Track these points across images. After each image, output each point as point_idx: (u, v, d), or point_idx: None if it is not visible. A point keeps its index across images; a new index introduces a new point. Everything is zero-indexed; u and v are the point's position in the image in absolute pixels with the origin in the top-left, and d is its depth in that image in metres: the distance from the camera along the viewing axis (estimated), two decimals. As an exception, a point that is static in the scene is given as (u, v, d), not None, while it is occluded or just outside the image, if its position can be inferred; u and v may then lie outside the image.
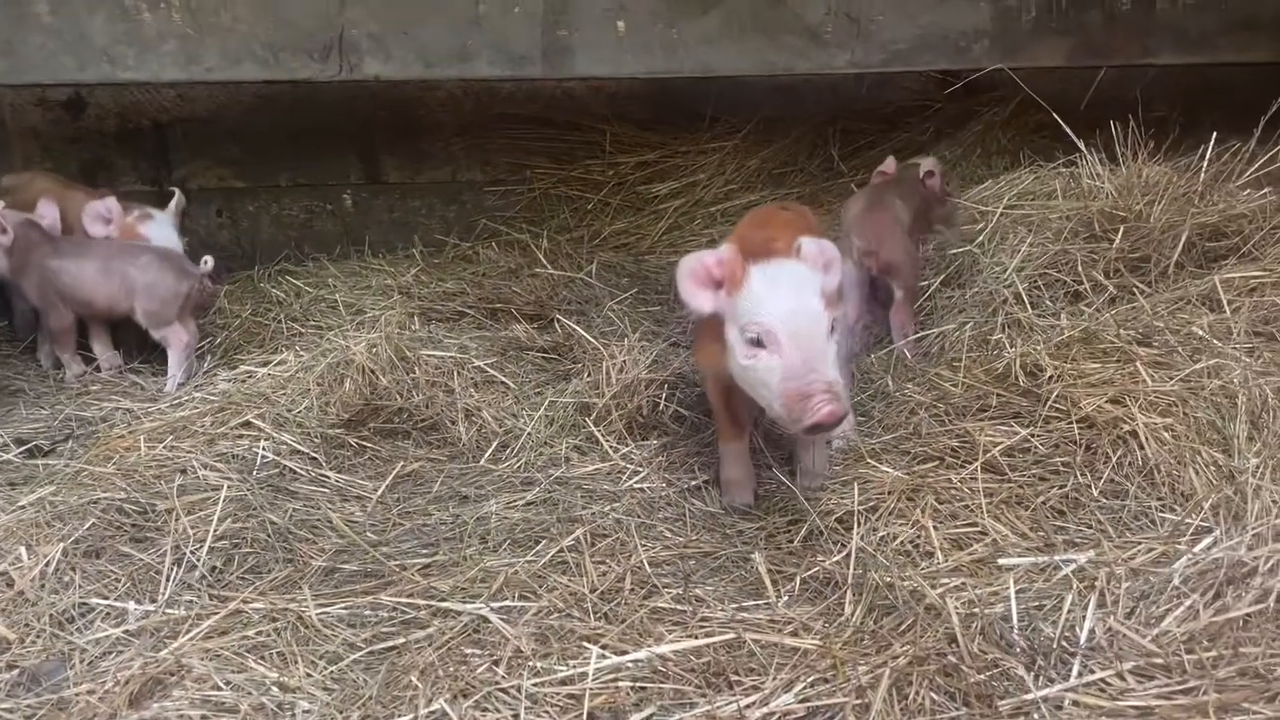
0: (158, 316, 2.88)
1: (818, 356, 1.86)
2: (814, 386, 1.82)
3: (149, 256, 2.92)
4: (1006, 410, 2.30)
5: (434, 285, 3.52)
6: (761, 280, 1.95)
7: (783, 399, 1.86)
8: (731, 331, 1.97)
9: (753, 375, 1.94)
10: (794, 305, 1.90)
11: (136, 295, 2.87)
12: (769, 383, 1.89)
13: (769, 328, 1.89)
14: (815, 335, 1.88)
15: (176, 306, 2.89)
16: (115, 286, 2.88)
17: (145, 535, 2.06)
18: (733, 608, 1.81)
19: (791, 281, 1.94)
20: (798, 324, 1.88)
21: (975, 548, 1.92)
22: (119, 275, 2.88)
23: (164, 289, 2.88)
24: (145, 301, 2.87)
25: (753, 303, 1.93)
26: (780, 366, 1.87)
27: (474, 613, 1.78)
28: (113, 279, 2.88)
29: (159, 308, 2.88)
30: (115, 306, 2.91)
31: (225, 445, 2.38)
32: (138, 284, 2.87)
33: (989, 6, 3.56)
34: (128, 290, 2.87)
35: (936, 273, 3.24)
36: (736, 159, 4.43)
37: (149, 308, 2.88)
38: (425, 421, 2.59)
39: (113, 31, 3.23)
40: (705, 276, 1.99)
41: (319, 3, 3.29)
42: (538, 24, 3.45)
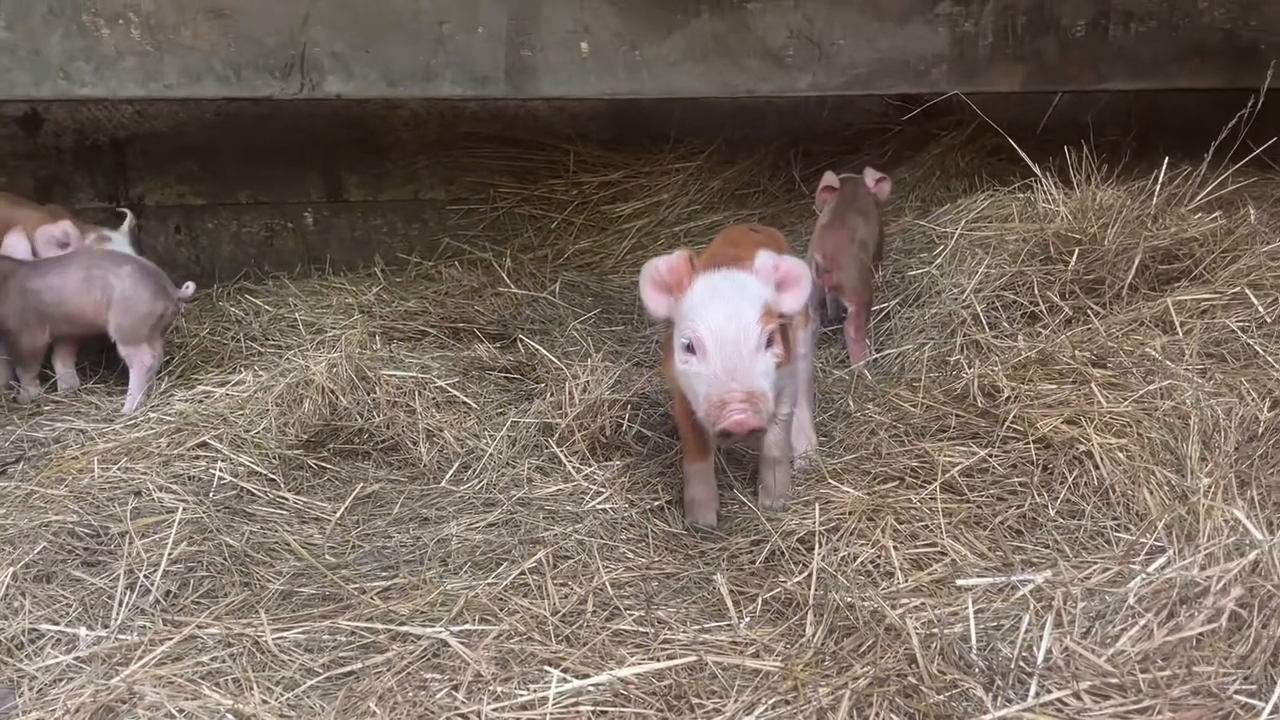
0: (130, 332, 2.82)
1: (742, 366, 1.88)
2: (731, 395, 1.84)
3: (131, 268, 2.86)
4: (965, 431, 2.33)
5: (396, 304, 3.50)
6: (703, 287, 1.98)
7: (704, 404, 1.89)
8: (674, 336, 1.99)
9: (685, 380, 1.97)
10: (725, 314, 1.92)
11: (112, 307, 2.81)
12: (696, 388, 1.92)
13: (699, 334, 1.91)
14: (742, 345, 1.90)
15: (149, 325, 2.84)
16: (98, 296, 2.81)
17: (98, 559, 2.02)
18: (695, 629, 1.81)
19: (731, 291, 1.97)
20: (725, 333, 1.90)
21: (935, 568, 1.93)
22: (101, 284, 2.81)
23: (141, 305, 2.82)
24: (120, 315, 2.81)
25: (690, 309, 1.96)
26: (706, 372, 1.89)
27: (434, 636, 1.76)
28: (95, 288, 2.82)
29: (133, 323, 2.82)
30: (96, 318, 2.83)
31: (181, 466, 2.35)
32: (116, 295, 2.81)
33: (947, 32, 3.62)
34: (107, 301, 2.81)
35: (896, 294, 3.28)
36: (699, 179, 4.46)
37: (122, 322, 2.81)
38: (386, 442, 2.57)
39: (70, 48, 3.20)
40: (661, 281, 2.02)
41: (281, 20, 3.28)
42: (501, 44, 3.46)
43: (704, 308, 1.94)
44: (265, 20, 3.27)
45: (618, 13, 3.52)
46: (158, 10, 3.22)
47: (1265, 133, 3.08)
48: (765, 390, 1.89)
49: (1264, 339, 2.38)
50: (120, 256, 2.96)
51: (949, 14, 3.61)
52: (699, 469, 2.22)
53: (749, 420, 1.84)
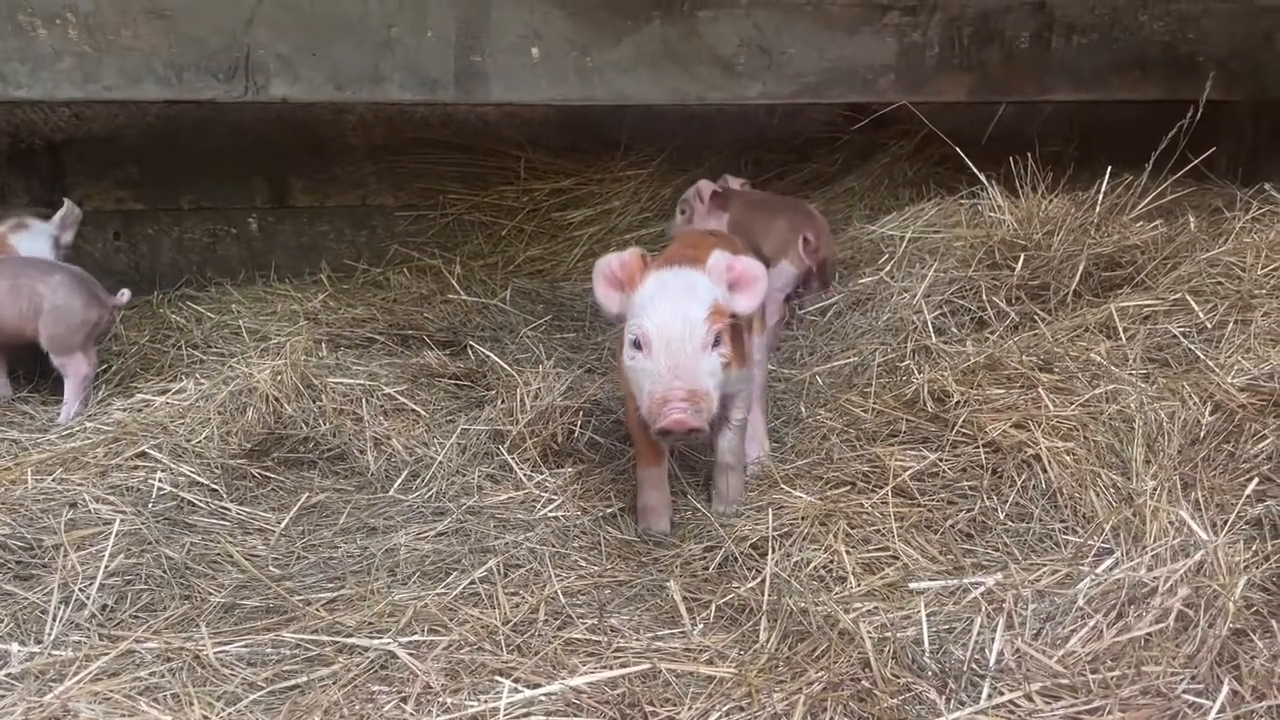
0: (63, 342, 2.71)
1: (686, 364, 1.87)
2: (673, 392, 1.83)
3: (61, 276, 2.74)
4: (915, 435, 2.34)
5: (342, 311, 3.45)
6: (653, 284, 1.97)
7: (646, 400, 1.88)
8: (624, 333, 1.99)
9: (631, 376, 1.97)
10: (672, 311, 1.92)
11: (42, 317, 2.69)
12: (641, 384, 1.92)
13: (645, 330, 1.91)
14: (688, 343, 1.89)
15: (83, 334, 2.73)
16: (24, 306, 2.69)
17: (31, 573, 1.95)
18: (648, 637, 1.79)
19: (680, 289, 1.96)
20: (671, 330, 1.89)
21: (887, 572, 1.94)
22: (28, 293, 2.69)
23: (73, 314, 2.70)
24: (51, 325, 2.69)
25: (638, 305, 1.96)
26: (651, 369, 1.89)
27: (381, 648, 1.72)
28: (21, 297, 2.69)
29: (64, 332, 2.70)
30: (22, 329, 2.71)
31: (119, 477, 2.28)
32: (45, 304, 2.69)
33: (894, 42, 3.66)
34: (35, 310, 2.69)
35: (846, 299, 3.30)
36: (650, 187, 4.45)
37: (54, 332, 2.70)
38: (332, 451, 2.52)
39: (4, 48, 3.10)
40: (613, 278, 2.02)
41: (224, 22, 3.21)
42: (450, 48, 3.43)
43: (652, 304, 1.94)
44: (208, 21, 3.20)
45: (568, 18, 3.51)
46: (97, 10, 3.14)
47: (1203, 143, 3.15)
48: (708, 389, 1.88)
49: (1204, 344, 2.43)
50: (49, 264, 2.84)
51: (897, 24, 3.64)
52: (652, 474, 2.20)
53: (689, 420, 1.83)
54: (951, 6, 3.68)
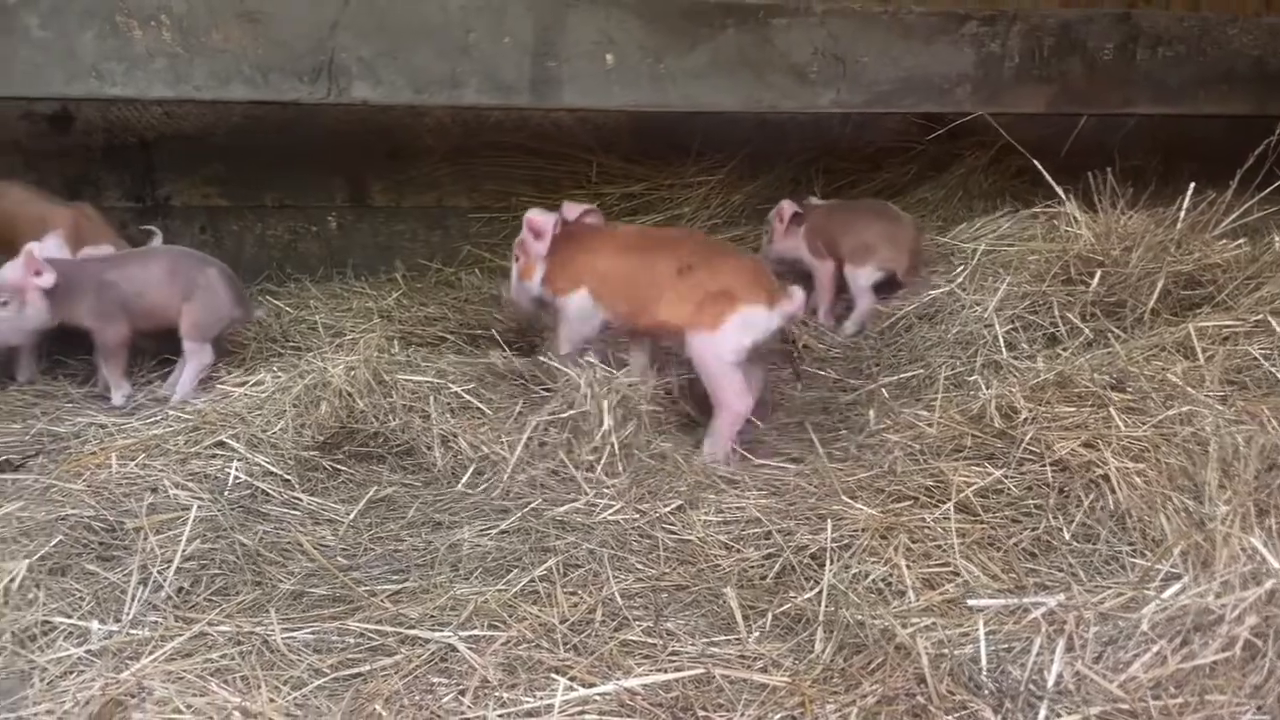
0: (202, 329, 2.88)
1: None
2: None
3: (216, 271, 2.93)
4: (981, 451, 2.32)
5: (415, 309, 3.52)
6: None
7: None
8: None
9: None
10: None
11: (190, 304, 2.86)
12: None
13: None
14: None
15: (220, 328, 2.93)
16: (178, 290, 2.86)
17: (112, 554, 2.04)
18: (703, 642, 1.80)
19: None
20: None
21: (947, 588, 1.92)
22: (184, 280, 2.87)
23: (220, 307, 2.90)
24: (198, 312, 2.87)
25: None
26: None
27: (442, 641, 1.76)
28: (177, 282, 2.87)
29: (207, 321, 2.89)
30: (169, 312, 2.88)
31: (198, 465, 2.36)
32: (197, 293, 2.87)
33: (972, 52, 3.62)
34: (186, 296, 2.86)
35: (916, 310, 3.28)
36: (721, 193, 4.46)
37: (199, 319, 2.87)
38: (401, 446, 2.58)
39: (102, 48, 3.24)
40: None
41: (310, 25, 3.31)
42: (527, 54, 3.49)
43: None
44: (295, 25, 3.31)
45: (643, 25, 3.54)
46: (189, 13, 3.26)
47: (1292, 161, 3.07)
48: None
49: (1286, 367, 2.36)
50: (205, 258, 3.00)
51: (975, 34, 3.61)
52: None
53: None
54: (1032, 16, 3.63)
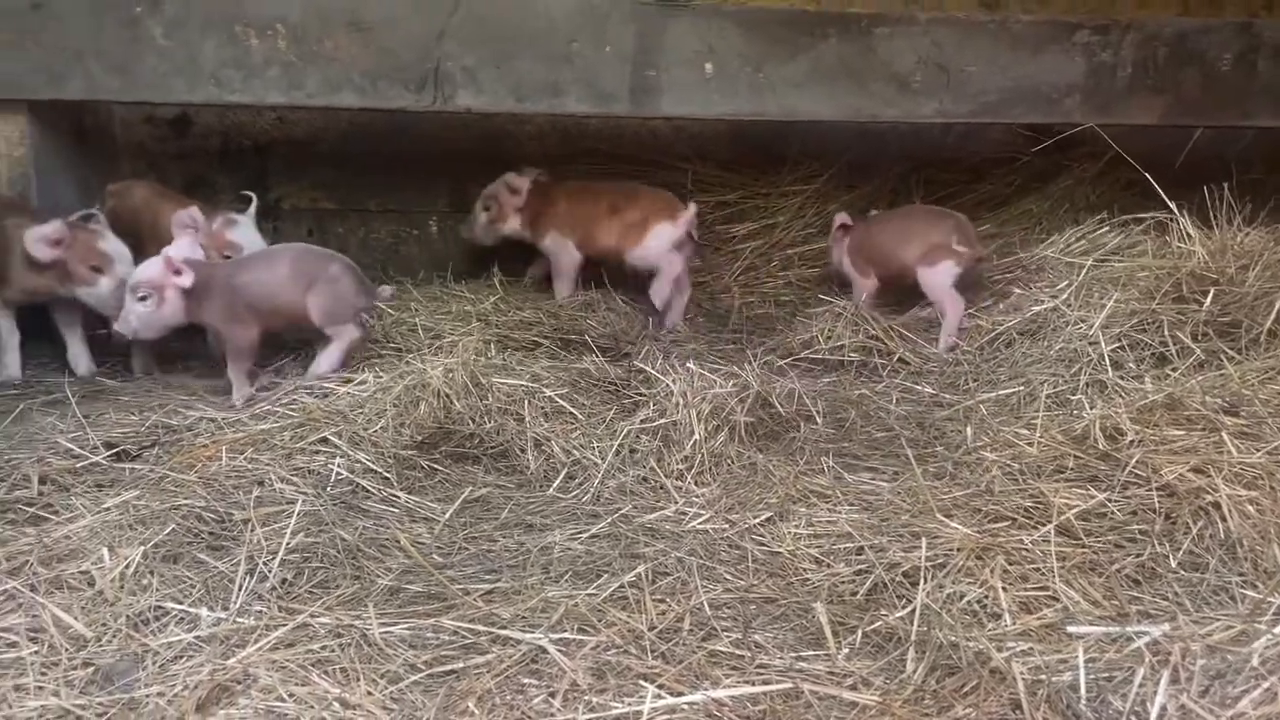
0: (334, 315, 2.99)
1: None
2: None
3: (337, 265, 3.03)
4: (1084, 473, 2.25)
5: (511, 314, 3.57)
6: None
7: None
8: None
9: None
10: None
11: (316, 297, 2.97)
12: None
13: None
14: None
15: (352, 310, 3.02)
16: (303, 287, 2.96)
17: (221, 544, 2.12)
18: (792, 656, 1.79)
19: None
20: None
21: (1045, 612, 1.87)
22: (307, 277, 2.98)
23: (345, 297, 2.99)
24: (326, 303, 2.97)
25: None
26: None
27: (533, 642, 1.79)
28: (301, 281, 2.97)
29: (336, 308, 2.98)
30: (297, 309, 2.98)
31: (302, 460, 2.44)
32: (321, 286, 2.97)
33: (1083, 62, 3.53)
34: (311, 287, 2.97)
35: (1018, 326, 3.20)
36: (817, 203, 4.43)
37: (328, 308, 2.98)
38: (495, 448, 2.63)
39: (221, 56, 3.38)
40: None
41: (418, 35, 3.40)
42: (627, 63, 3.52)
43: None
44: (403, 34, 3.40)
45: (744, 35, 3.55)
46: (303, 23, 3.39)
47: None
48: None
49: None
50: (326, 253, 3.12)
51: (1086, 43, 3.52)
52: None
53: None
54: (1147, 26, 3.52)
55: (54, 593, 1.92)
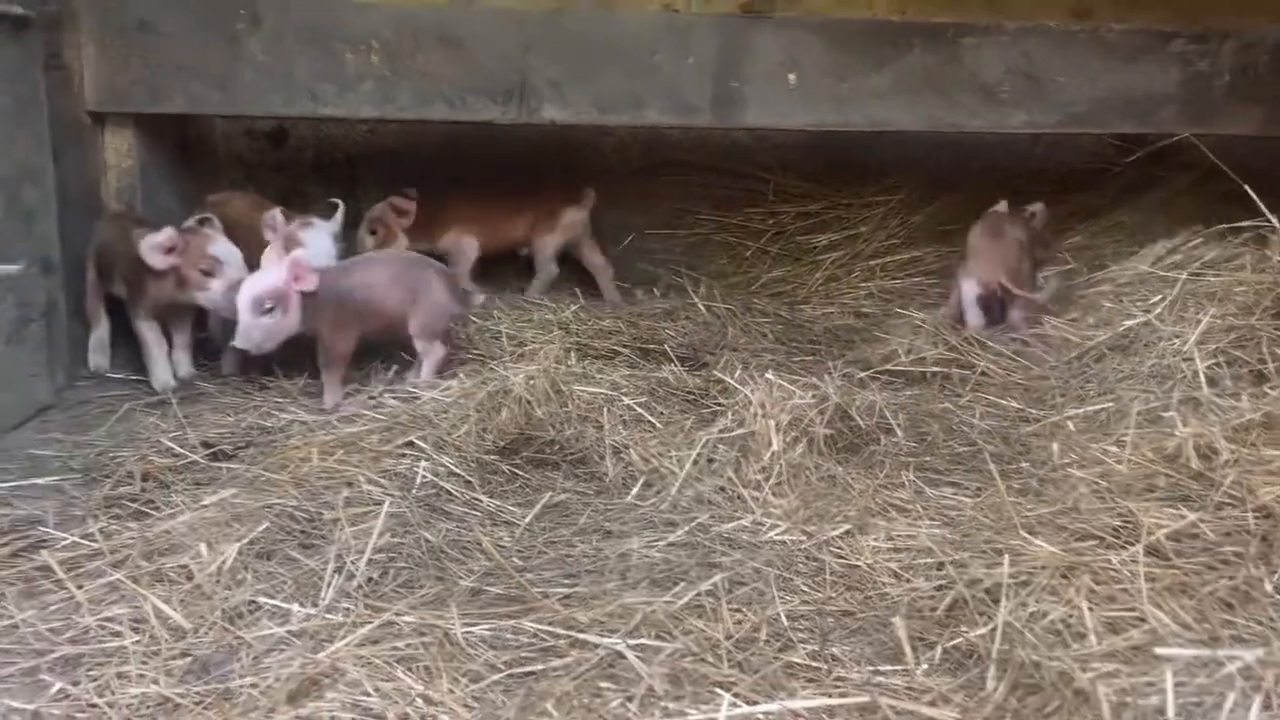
0: (430, 329, 3.07)
1: None
2: None
3: (434, 273, 3.12)
4: (1175, 492, 2.19)
5: (592, 323, 3.61)
6: None
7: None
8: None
9: None
10: None
11: (416, 306, 3.05)
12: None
13: None
14: None
15: (445, 324, 3.10)
16: (404, 295, 3.05)
17: (312, 542, 2.19)
18: (869, 670, 1.78)
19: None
20: None
21: (1132, 634, 1.82)
22: (408, 285, 3.06)
23: (443, 306, 3.08)
24: (424, 314, 3.06)
25: None
26: None
27: (610, 647, 1.81)
28: (401, 288, 3.06)
29: (433, 321, 3.07)
30: (396, 316, 3.06)
31: (389, 463, 2.51)
32: (421, 296, 3.06)
33: (1178, 71, 3.45)
34: (412, 299, 3.05)
35: (1109, 340, 3.13)
36: (900, 214, 4.40)
37: (426, 320, 3.06)
38: (575, 454, 2.66)
39: (317, 70, 3.50)
40: None
41: (505, 50, 3.48)
42: (709, 75, 3.54)
43: None
44: (491, 49, 3.48)
45: (827, 45, 3.54)
46: (396, 38, 3.48)
47: None
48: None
49: None
50: (423, 261, 3.21)
51: (1182, 52, 3.43)
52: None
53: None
54: (1246, 34, 3.41)
55: (155, 585, 2.01)
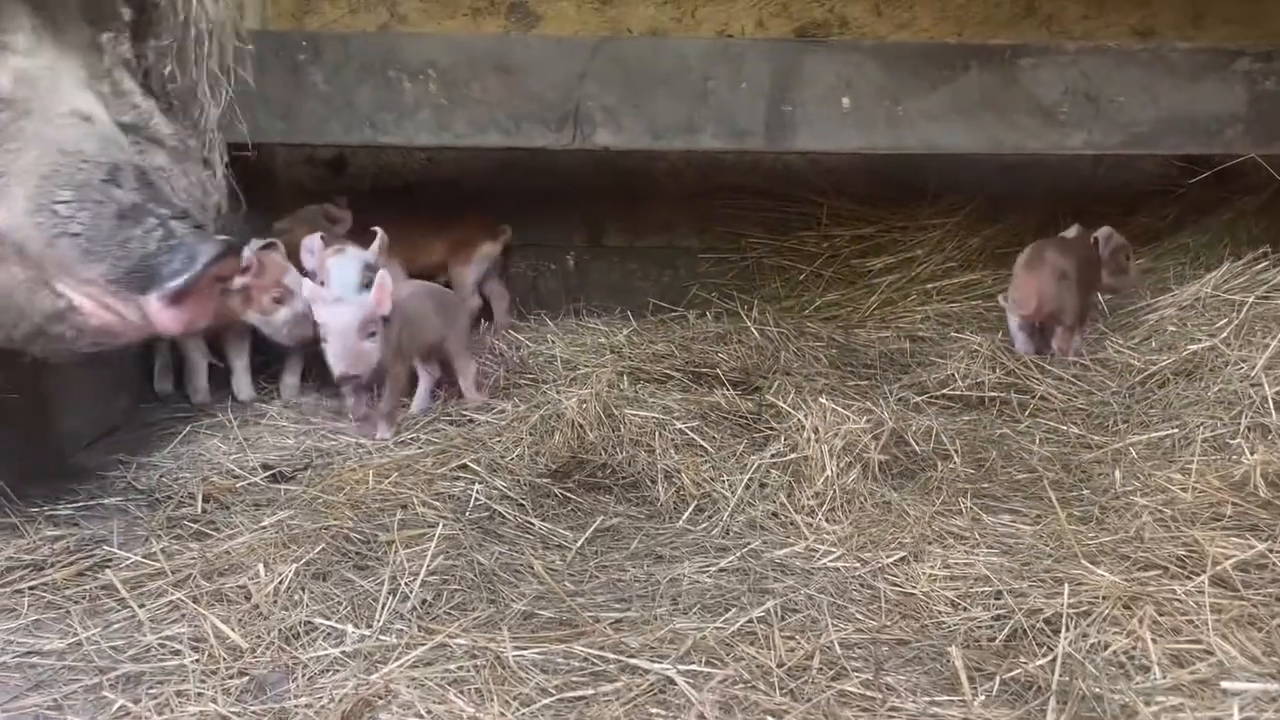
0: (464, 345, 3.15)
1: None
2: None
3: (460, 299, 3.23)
4: (1242, 521, 2.13)
5: (644, 347, 3.62)
6: None
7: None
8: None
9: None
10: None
11: (456, 332, 3.13)
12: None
13: None
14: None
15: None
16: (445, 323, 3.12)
17: (367, 564, 2.21)
18: (925, 700, 1.75)
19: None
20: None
21: (1198, 667, 1.77)
22: (452, 313, 3.14)
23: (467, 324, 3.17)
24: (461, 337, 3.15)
25: None
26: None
27: (661, 673, 1.80)
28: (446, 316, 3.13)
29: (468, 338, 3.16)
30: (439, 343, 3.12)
31: (443, 485, 2.53)
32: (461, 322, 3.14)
33: (1244, 91, 3.37)
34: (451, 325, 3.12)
35: (1173, 366, 3.06)
36: (957, 237, 4.35)
37: (462, 338, 3.16)
38: (626, 479, 2.66)
39: (376, 99, 3.57)
40: None
41: (559, 77, 3.52)
42: (763, 99, 3.55)
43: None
44: (546, 76, 3.52)
45: (882, 68, 3.53)
46: (453, 67, 3.54)
47: None
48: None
49: None
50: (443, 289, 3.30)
51: (1248, 71, 3.36)
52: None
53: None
54: (1315, 51, 3.33)
55: (214, 605, 2.04)
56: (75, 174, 1.93)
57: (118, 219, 1.93)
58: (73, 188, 1.92)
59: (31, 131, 1.94)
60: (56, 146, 1.94)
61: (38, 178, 1.91)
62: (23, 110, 1.95)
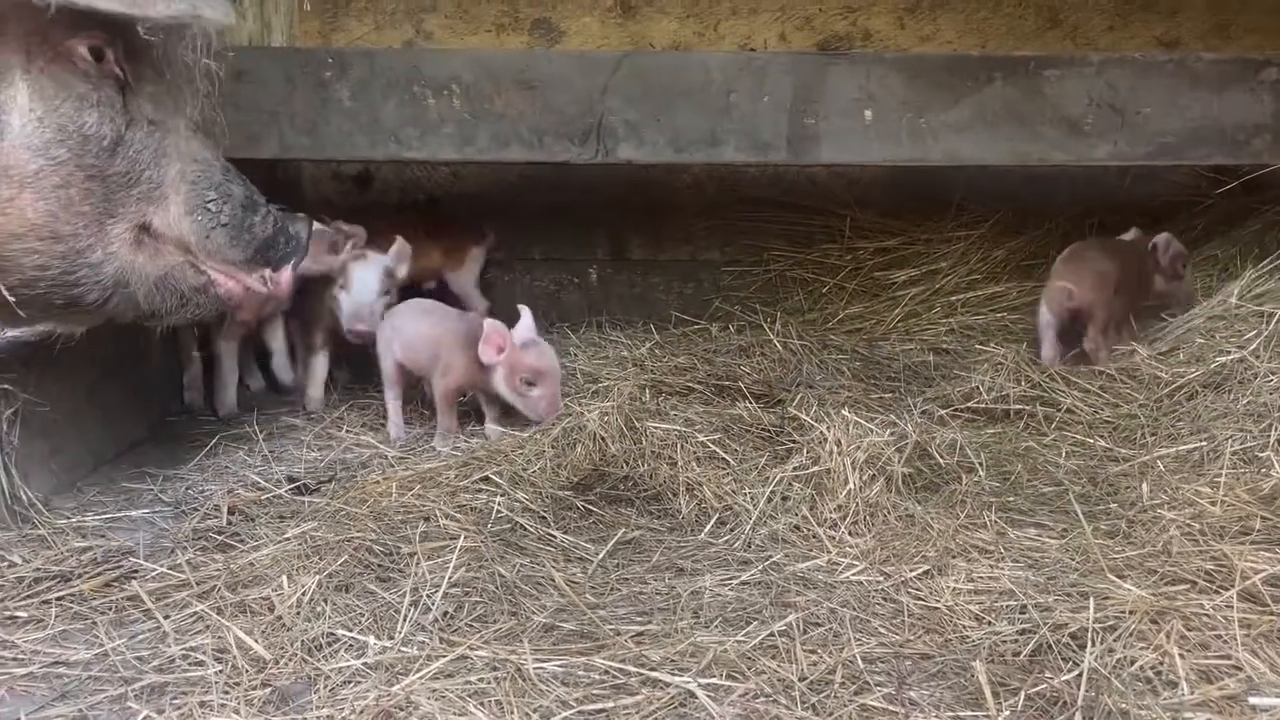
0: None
1: None
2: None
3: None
4: (1272, 535, 2.10)
5: (666, 359, 3.62)
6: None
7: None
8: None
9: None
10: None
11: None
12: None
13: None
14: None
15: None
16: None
17: (389, 575, 2.22)
18: (948, 715, 1.73)
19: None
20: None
21: (1227, 682, 1.74)
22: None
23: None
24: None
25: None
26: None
27: (682, 686, 1.80)
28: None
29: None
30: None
31: (466, 498, 2.54)
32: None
33: (1272, 100, 3.34)
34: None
35: (1201, 378, 3.03)
36: (982, 249, 4.33)
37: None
38: (648, 491, 2.66)
39: (401, 115, 3.59)
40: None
41: (582, 91, 3.53)
42: (785, 112, 3.55)
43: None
44: (568, 91, 3.54)
45: (905, 80, 3.52)
46: (476, 82, 3.57)
47: None
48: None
49: None
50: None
51: (1275, 81, 3.32)
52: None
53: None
54: (1345, 59, 3.30)
55: (238, 616, 2.05)
56: (211, 176, 2.34)
57: (244, 209, 2.38)
58: (213, 188, 2.34)
59: (171, 146, 2.29)
60: (190, 156, 2.32)
61: (188, 184, 2.30)
62: (166, 129, 2.29)
